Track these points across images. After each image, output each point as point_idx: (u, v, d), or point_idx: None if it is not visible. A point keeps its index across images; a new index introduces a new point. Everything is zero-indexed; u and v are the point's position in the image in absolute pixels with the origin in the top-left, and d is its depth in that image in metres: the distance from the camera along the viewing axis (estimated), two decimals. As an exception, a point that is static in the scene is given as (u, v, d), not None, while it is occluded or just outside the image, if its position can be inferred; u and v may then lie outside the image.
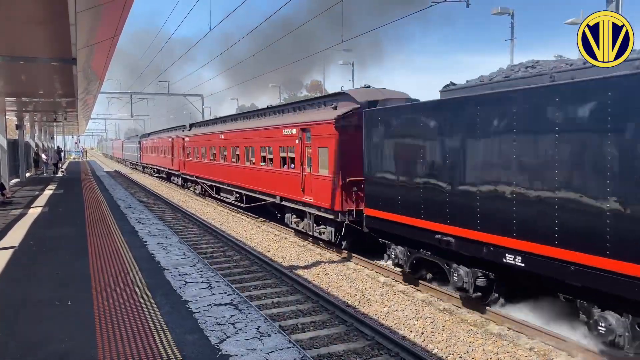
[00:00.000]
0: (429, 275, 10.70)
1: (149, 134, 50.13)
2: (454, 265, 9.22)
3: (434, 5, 15.37)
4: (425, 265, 10.54)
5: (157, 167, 42.78)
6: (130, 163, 64.25)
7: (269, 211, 19.38)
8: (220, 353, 5.87)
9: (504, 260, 7.85)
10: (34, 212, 17.11)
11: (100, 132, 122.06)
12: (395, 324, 9.03)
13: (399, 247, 10.91)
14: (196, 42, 54.71)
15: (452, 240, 8.90)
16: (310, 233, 15.04)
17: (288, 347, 6.11)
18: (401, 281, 11.31)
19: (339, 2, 16.86)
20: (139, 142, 52.28)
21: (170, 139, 35.09)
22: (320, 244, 15.00)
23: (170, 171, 36.32)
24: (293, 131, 15.33)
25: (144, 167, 51.44)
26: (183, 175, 32.01)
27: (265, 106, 24.40)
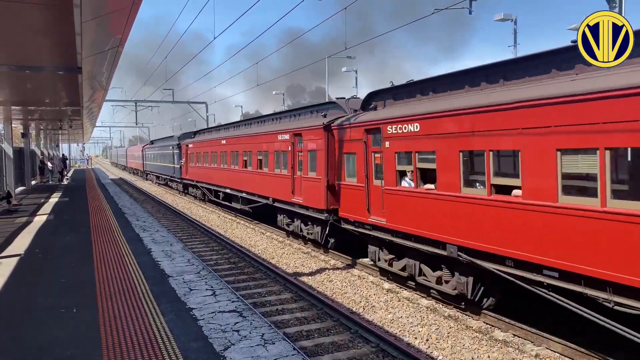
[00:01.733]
0: None
1: (196, 133, 33.30)
2: None
3: (436, 12, 15.43)
4: None
5: (227, 191, 23.38)
6: (158, 178, 45.66)
7: None
8: (224, 360, 5.87)
9: None
10: (39, 219, 17.19)
11: (105, 139, 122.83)
12: (400, 331, 9.01)
13: None
14: (200, 50, 55.09)
15: None
16: None
17: (292, 355, 6.11)
18: (406, 288, 11.27)
19: (341, 10, 16.96)
20: (179, 146, 34.64)
21: (286, 136, 16.40)
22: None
23: (277, 205, 17.32)
24: None
25: (186, 187, 34.06)
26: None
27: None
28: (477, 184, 8.77)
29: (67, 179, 42.63)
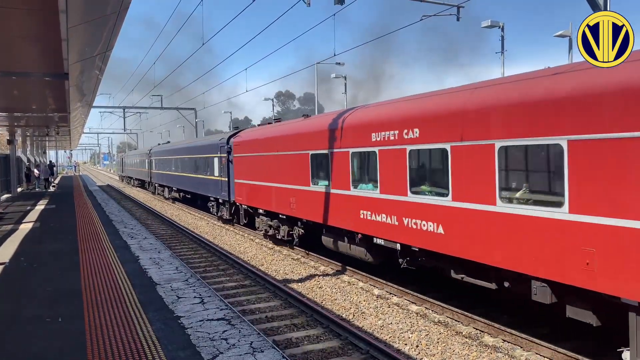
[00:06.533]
0: None
1: None
2: None
3: (424, 19, 15.53)
4: None
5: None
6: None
7: None
8: (213, 369, 5.80)
9: None
10: (25, 227, 16.95)
11: (93, 146, 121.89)
12: (390, 337, 8.98)
13: None
14: (189, 56, 54.91)
15: None
16: None
17: (282, 363, 6.06)
18: (395, 294, 11.27)
19: (330, 16, 17.03)
20: None
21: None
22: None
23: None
24: None
25: None
26: None
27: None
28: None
29: (53, 185, 42.16)
